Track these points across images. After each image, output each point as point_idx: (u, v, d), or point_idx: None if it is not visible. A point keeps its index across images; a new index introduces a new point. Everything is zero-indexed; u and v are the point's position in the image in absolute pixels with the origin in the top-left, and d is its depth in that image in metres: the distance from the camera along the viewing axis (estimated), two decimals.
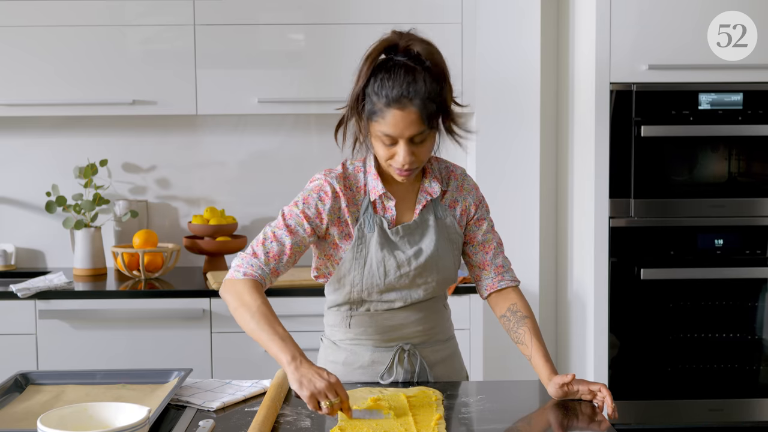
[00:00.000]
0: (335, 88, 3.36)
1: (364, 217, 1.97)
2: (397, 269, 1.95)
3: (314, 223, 1.95)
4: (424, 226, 2.00)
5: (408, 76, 1.85)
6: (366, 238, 1.96)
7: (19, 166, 3.65)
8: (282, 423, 1.76)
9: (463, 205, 2.04)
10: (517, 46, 3.44)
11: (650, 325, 3.20)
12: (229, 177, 3.70)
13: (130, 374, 2.00)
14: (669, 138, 3.15)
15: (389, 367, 2.01)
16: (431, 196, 2.00)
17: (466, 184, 2.06)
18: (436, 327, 2.06)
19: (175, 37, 3.33)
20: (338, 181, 1.97)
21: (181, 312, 3.14)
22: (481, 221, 2.06)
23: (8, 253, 3.59)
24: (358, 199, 1.98)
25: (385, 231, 1.96)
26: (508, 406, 1.89)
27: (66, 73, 3.33)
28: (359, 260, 1.96)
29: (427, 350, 2.05)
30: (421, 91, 1.83)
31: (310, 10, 3.35)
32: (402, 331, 2.02)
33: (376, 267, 1.95)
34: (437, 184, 2.00)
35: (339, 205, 1.96)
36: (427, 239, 1.99)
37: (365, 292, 1.97)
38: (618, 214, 3.16)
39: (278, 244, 1.93)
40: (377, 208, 1.98)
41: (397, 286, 1.97)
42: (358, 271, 1.96)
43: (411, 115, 1.84)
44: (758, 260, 3.20)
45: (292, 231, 1.94)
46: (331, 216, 1.95)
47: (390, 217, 1.98)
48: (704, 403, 3.21)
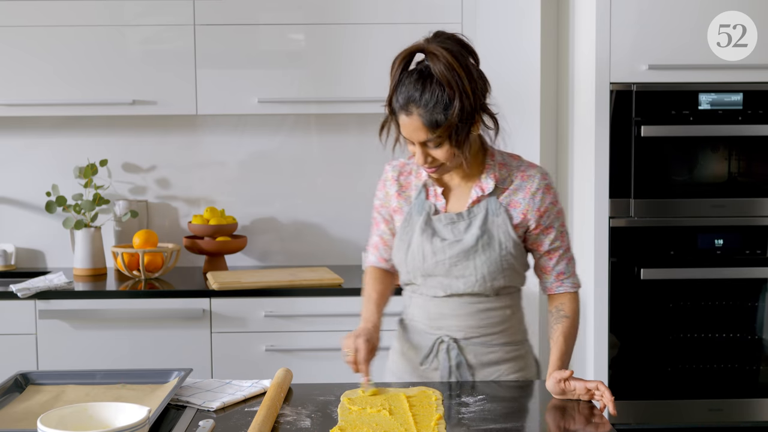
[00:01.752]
0: (335, 88, 3.37)
1: (416, 201, 2.06)
2: (433, 255, 2.01)
3: (384, 212, 2.13)
4: (471, 219, 2.01)
5: (418, 83, 1.90)
6: (413, 221, 2.04)
7: (19, 166, 3.65)
8: (282, 423, 1.76)
9: (525, 207, 2.01)
10: (517, 46, 3.44)
11: (650, 325, 3.20)
12: (229, 177, 3.70)
13: (130, 374, 2.00)
14: (669, 138, 3.15)
15: (427, 355, 2.07)
16: (483, 191, 2.01)
17: (534, 187, 2.02)
18: (487, 328, 2.05)
19: (175, 37, 3.33)
20: (395, 168, 2.13)
21: (181, 312, 3.14)
22: (549, 230, 2.04)
23: (8, 253, 3.59)
24: (416, 185, 2.08)
25: (430, 216, 2.03)
26: (508, 406, 1.89)
27: (66, 73, 3.33)
28: (404, 241, 2.06)
29: (472, 349, 2.05)
30: (426, 100, 1.87)
31: (310, 10, 3.35)
32: (448, 321, 2.05)
33: (416, 250, 2.03)
34: (492, 180, 2.01)
35: (391, 191, 2.10)
36: (470, 233, 2.00)
37: (411, 275, 2.06)
38: (618, 214, 3.16)
39: (374, 235, 2.18)
40: (429, 194, 2.05)
41: (436, 273, 2.02)
42: (403, 251, 2.06)
43: (415, 122, 1.90)
44: (758, 260, 3.20)
45: (376, 223, 2.17)
46: (386, 203, 2.12)
47: (441, 205, 2.04)
48: (704, 403, 3.21)
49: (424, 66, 1.91)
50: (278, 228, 3.72)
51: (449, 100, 1.86)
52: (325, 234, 3.71)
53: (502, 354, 2.07)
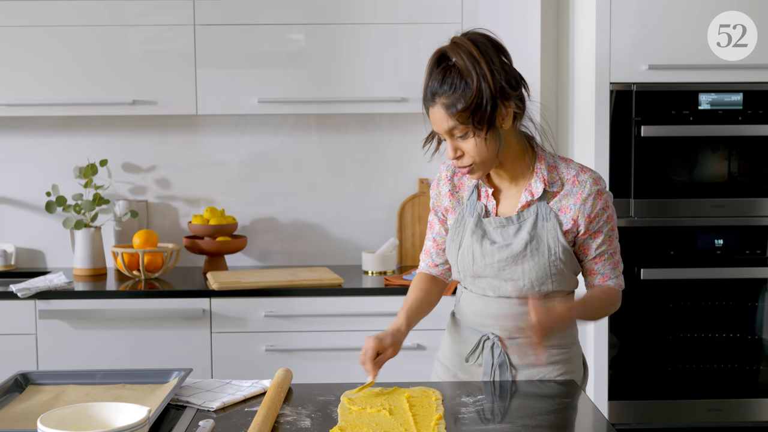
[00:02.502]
0: (335, 88, 3.37)
1: (468, 202, 2.08)
2: (482, 257, 2.02)
3: (438, 213, 2.15)
4: (521, 223, 2.02)
5: (439, 75, 1.92)
6: (465, 222, 2.06)
7: (19, 166, 3.66)
8: (282, 423, 1.76)
9: (575, 213, 1.99)
10: (517, 46, 3.41)
11: (650, 325, 3.20)
12: (229, 177, 3.70)
13: (130, 374, 2.00)
14: (669, 138, 3.15)
15: (473, 351, 2.09)
16: (532, 196, 2.00)
17: (585, 193, 2.00)
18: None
19: (175, 37, 3.33)
20: (448, 168, 2.13)
21: (181, 312, 3.14)
22: (597, 234, 2.02)
23: (8, 253, 3.59)
24: (468, 185, 2.10)
25: (481, 218, 2.04)
26: (508, 406, 1.89)
27: (66, 73, 3.33)
28: (455, 242, 2.08)
29: (517, 349, 2.05)
30: (446, 88, 1.90)
31: (310, 10, 3.35)
32: (493, 320, 2.07)
33: (466, 251, 2.04)
34: (542, 184, 2.00)
35: (443, 191, 2.12)
36: (519, 237, 2.00)
37: (461, 274, 2.08)
38: (618, 214, 3.16)
39: (428, 241, 2.20)
40: (481, 195, 2.07)
41: (485, 275, 2.04)
42: (454, 251, 2.08)
43: (438, 112, 1.92)
44: (758, 260, 3.20)
45: (431, 226, 2.18)
46: (439, 202, 2.14)
47: (492, 206, 2.05)
48: (704, 403, 3.21)
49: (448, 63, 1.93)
50: (278, 228, 3.72)
51: (467, 83, 1.88)
52: (325, 234, 3.71)
53: (547, 356, 2.07)
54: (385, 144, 3.68)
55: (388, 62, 3.37)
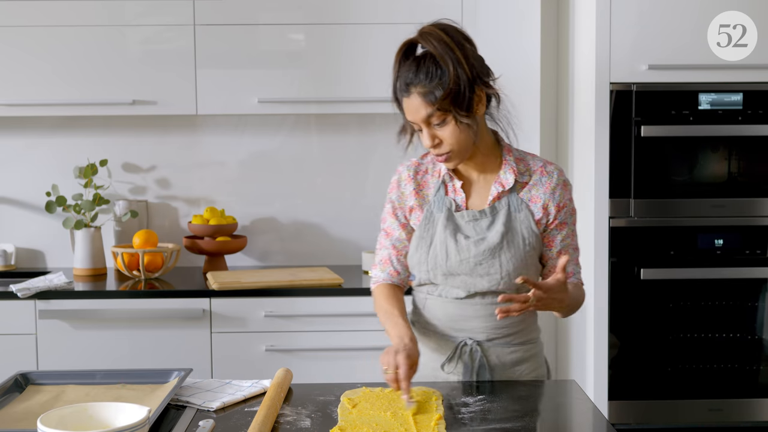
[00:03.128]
0: (335, 88, 3.37)
1: (435, 198, 2.05)
2: (457, 253, 2.00)
3: (399, 216, 2.10)
4: (494, 216, 2.02)
5: (413, 65, 1.95)
6: (434, 218, 2.04)
7: (19, 166, 3.66)
8: (282, 423, 1.76)
9: (545, 202, 2.02)
10: (517, 46, 3.43)
11: (650, 325, 3.20)
12: (229, 177, 3.70)
13: (130, 374, 2.00)
14: (669, 138, 3.15)
15: (450, 358, 2.05)
16: (503, 187, 2.01)
17: (553, 182, 2.04)
18: (509, 327, 2.05)
19: (175, 37, 3.33)
20: (409, 168, 2.10)
21: (181, 312, 3.14)
22: (563, 226, 2.05)
23: (8, 253, 3.59)
24: (433, 182, 2.07)
25: (452, 213, 2.02)
26: (508, 406, 1.89)
27: (66, 74, 3.33)
28: (425, 239, 2.04)
29: (494, 350, 2.05)
30: (421, 77, 1.92)
31: (310, 10, 3.35)
32: (470, 323, 2.04)
33: (439, 248, 2.01)
34: (512, 175, 2.02)
35: (407, 191, 2.07)
36: (494, 229, 2.00)
37: (431, 273, 2.03)
38: (618, 214, 3.16)
39: (384, 249, 2.12)
40: (448, 190, 2.05)
41: (459, 272, 2.01)
42: (424, 250, 2.03)
43: (415, 101, 1.93)
44: (758, 260, 3.20)
45: (388, 233, 2.11)
46: (402, 203, 2.09)
47: (461, 200, 2.04)
48: (704, 403, 3.21)
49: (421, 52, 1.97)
50: (278, 228, 3.72)
51: (443, 71, 1.91)
52: (325, 234, 3.71)
53: (521, 353, 2.08)
54: (385, 144, 3.68)
55: (388, 62, 3.34)
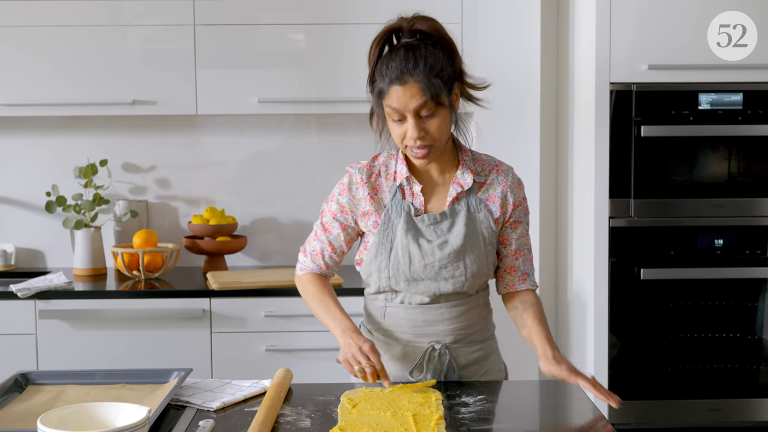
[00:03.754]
0: (335, 88, 3.37)
1: (392, 203, 2.01)
2: (421, 258, 1.97)
3: (341, 218, 2.06)
4: (453, 217, 2.00)
5: (408, 53, 1.90)
6: (392, 223, 1.99)
7: (19, 166, 3.66)
8: (282, 423, 1.76)
9: (503, 201, 2.03)
10: (517, 46, 3.43)
11: (650, 325, 3.20)
12: (229, 177, 3.70)
13: (130, 374, 2.00)
14: (669, 138, 3.15)
15: (419, 364, 2.03)
16: (462, 188, 2.00)
17: (509, 181, 2.05)
18: (471, 327, 2.06)
19: (175, 37, 3.33)
20: (361, 171, 2.05)
21: (181, 312, 3.14)
22: (517, 224, 2.05)
23: (8, 253, 3.59)
24: (388, 186, 2.03)
25: (412, 217, 1.99)
26: (508, 406, 1.89)
27: (66, 74, 3.33)
28: (385, 245, 2.00)
29: (460, 350, 2.05)
30: (421, 66, 1.88)
31: (310, 10, 3.35)
32: (435, 328, 2.03)
33: (401, 253, 1.98)
34: (470, 175, 2.01)
35: (360, 195, 2.02)
36: (455, 231, 1.99)
37: (392, 280, 2.00)
38: (618, 214, 3.16)
39: (319, 242, 2.09)
40: (405, 194, 2.01)
41: (424, 277, 1.98)
42: (384, 256, 2.00)
43: (412, 88, 1.88)
44: (758, 260, 3.20)
45: (326, 229, 2.08)
46: (353, 207, 2.03)
47: (419, 203, 2.01)
48: (704, 403, 3.21)
49: (407, 42, 1.94)
50: (278, 228, 3.72)
51: (443, 62, 1.90)
52: None
53: (485, 351, 2.09)
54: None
55: None
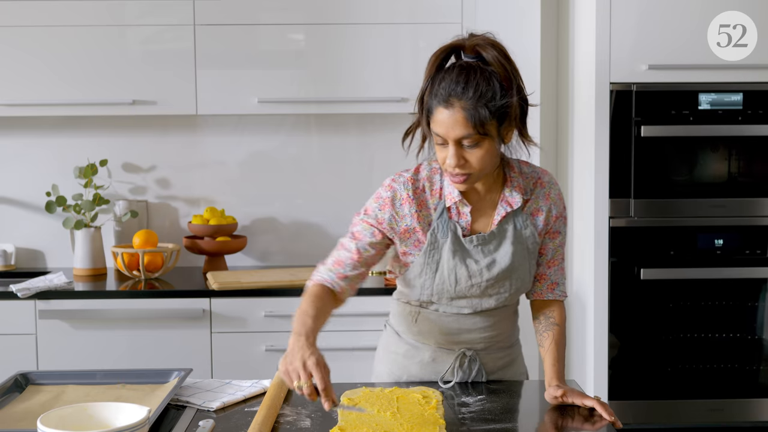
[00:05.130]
0: (335, 88, 3.37)
1: (439, 222, 1.91)
2: (468, 279, 1.92)
3: (376, 233, 1.93)
4: (501, 236, 1.93)
5: (461, 76, 1.79)
6: (439, 244, 1.91)
7: (19, 166, 3.66)
8: (282, 423, 1.76)
9: (547, 214, 1.97)
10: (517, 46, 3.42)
11: (650, 325, 3.20)
12: (229, 177, 3.70)
13: (130, 374, 2.00)
14: (669, 138, 3.15)
15: (451, 371, 2.02)
16: (511, 207, 1.93)
17: (553, 193, 1.98)
18: (502, 334, 2.05)
19: (175, 37, 3.33)
20: (406, 186, 1.92)
21: (181, 312, 3.14)
22: (556, 234, 2.00)
23: (8, 253, 3.59)
24: (433, 203, 1.93)
25: (459, 238, 1.92)
26: (508, 406, 1.89)
27: (66, 74, 3.33)
28: (431, 266, 1.92)
29: (490, 357, 2.04)
30: (470, 93, 1.77)
31: (310, 10, 3.35)
32: (467, 336, 2.01)
33: (447, 275, 1.92)
34: (519, 194, 1.93)
35: (404, 212, 1.91)
36: (502, 250, 1.93)
37: (435, 297, 1.96)
38: (618, 214, 3.16)
39: (345, 251, 1.93)
40: (452, 213, 1.92)
41: (468, 295, 1.95)
42: (429, 276, 1.93)
43: (456, 115, 1.78)
44: (758, 260, 3.20)
45: (356, 237, 1.94)
46: (393, 224, 1.92)
47: (465, 222, 1.92)
48: (704, 403, 3.21)
49: (465, 62, 1.82)
50: (278, 228, 3.72)
51: (497, 94, 1.78)
52: (325, 234, 3.70)
53: (511, 357, 2.09)
54: (386, 144, 3.68)
55: (388, 62, 3.37)
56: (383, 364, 2.12)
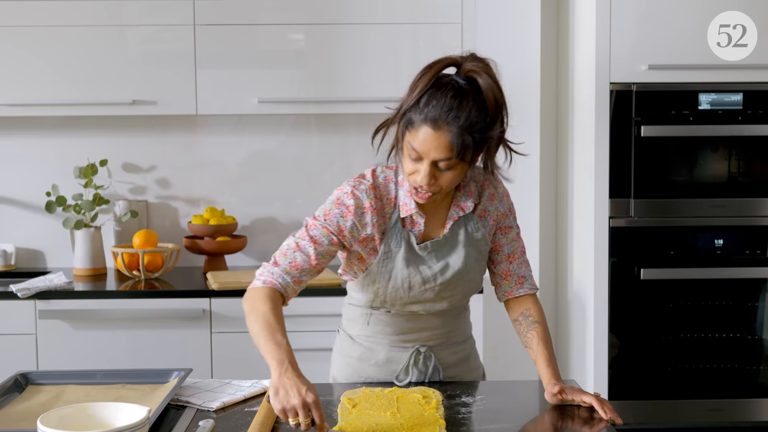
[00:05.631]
0: (335, 88, 3.37)
1: (392, 231, 1.92)
2: (422, 284, 1.94)
3: (336, 238, 1.91)
4: (453, 241, 1.95)
5: (455, 100, 1.77)
6: (392, 253, 1.93)
7: (19, 166, 3.65)
8: (282, 423, 1.76)
9: (495, 214, 1.99)
10: (517, 46, 3.44)
11: (650, 325, 3.20)
12: (229, 177, 3.70)
13: (130, 374, 2.00)
14: (669, 138, 3.15)
15: (405, 368, 2.02)
16: (463, 211, 1.95)
17: (498, 193, 2.00)
18: (454, 329, 2.06)
19: (175, 37, 3.33)
20: (368, 195, 1.92)
21: (181, 312, 3.14)
22: (509, 229, 2.02)
23: (8, 253, 3.59)
24: (387, 212, 1.93)
25: (413, 246, 1.93)
26: (508, 406, 1.89)
27: (66, 74, 3.33)
28: (384, 274, 1.94)
29: (443, 352, 2.05)
30: (461, 120, 1.76)
31: (310, 10, 3.35)
32: (420, 333, 2.02)
33: (401, 283, 1.93)
34: (471, 198, 1.96)
35: (366, 221, 1.90)
36: (455, 255, 1.95)
37: (388, 303, 1.97)
38: (618, 214, 3.16)
39: (302, 254, 1.89)
40: (406, 223, 1.94)
41: (422, 300, 1.96)
42: (383, 284, 1.95)
43: (442, 139, 1.77)
44: (758, 260, 3.20)
45: (315, 241, 1.90)
46: (354, 233, 1.91)
47: (418, 231, 1.94)
48: (704, 403, 3.21)
49: (459, 84, 1.80)
50: (278, 228, 3.71)
51: (485, 124, 1.79)
52: None
53: (466, 352, 2.10)
54: (385, 144, 3.67)
55: (387, 62, 3.37)
56: (338, 368, 2.12)
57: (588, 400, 1.83)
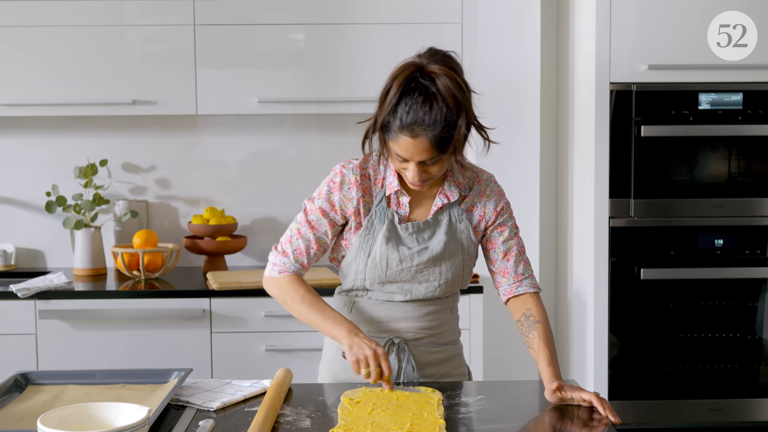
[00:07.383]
0: (335, 88, 3.37)
1: (377, 209, 2.02)
2: (399, 263, 2.00)
3: (331, 216, 2.03)
4: (435, 226, 2.03)
5: (425, 105, 1.87)
6: (374, 230, 2.01)
7: (19, 166, 3.65)
8: (282, 423, 1.76)
9: (482, 210, 2.05)
10: (517, 46, 3.44)
11: (650, 325, 3.20)
12: (229, 177, 3.70)
13: (130, 374, 2.00)
14: (669, 138, 3.15)
15: None
16: (448, 200, 2.02)
17: (488, 190, 2.07)
18: (435, 329, 2.08)
19: (175, 37, 3.33)
20: (354, 171, 2.02)
21: (181, 312, 3.14)
22: (503, 227, 2.06)
23: (8, 253, 3.59)
24: (374, 191, 2.03)
25: (395, 225, 2.01)
26: (508, 406, 1.89)
27: (66, 74, 3.33)
28: (364, 250, 2.02)
29: (420, 349, 2.07)
30: (435, 120, 1.85)
31: (310, 10, 3.35)
32: (396, 324, 2.05)
33: (379, 259, 2.00)
34: (456, 189, 2.03)
35: (351, 195, 2.01)
36: (435, 239, 2.02)
37: (368, 281, 2.03)
38: (618, 214, 3.16)
39: (303, 240, 2.04)
40: (391, 202, 2.03)
41: (398, 279, 2.02)
42: (362, 260, 2.02)
43: (422, 143, 1.87)
44: (758, 260, 3.20)
45: (313, 226, 2.04)
46: (344, 205, 2.01)
47: (403, 213, 2.02)
48: (704, 403, 3.22)
49: (425, 84, 1.90)
50: (278, 228, 3.71)
51: (456, 117, 1.87)
52: None
53: (446, 354, 2.11)
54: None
55: (388, 62, 3.34)
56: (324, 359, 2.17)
57: (587, 398, 1.83)
